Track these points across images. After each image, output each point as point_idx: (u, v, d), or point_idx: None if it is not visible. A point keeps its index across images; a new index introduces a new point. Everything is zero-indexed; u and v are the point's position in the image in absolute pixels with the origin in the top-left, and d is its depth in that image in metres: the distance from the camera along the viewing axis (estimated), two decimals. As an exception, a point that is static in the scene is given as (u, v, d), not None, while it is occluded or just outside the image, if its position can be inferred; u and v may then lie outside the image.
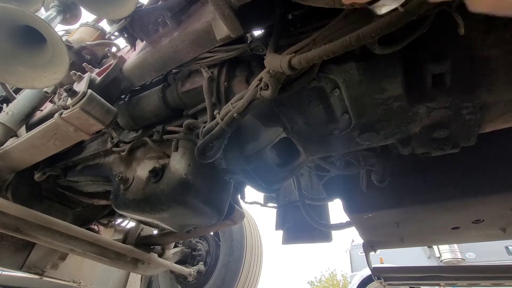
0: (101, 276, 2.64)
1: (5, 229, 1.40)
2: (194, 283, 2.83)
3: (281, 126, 1.19)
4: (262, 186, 1.26)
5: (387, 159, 1.43)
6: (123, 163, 1.40)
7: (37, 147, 1.29)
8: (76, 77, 1.17)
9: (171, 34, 1.09)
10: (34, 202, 1.78)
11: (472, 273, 2.03)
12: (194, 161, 1.17)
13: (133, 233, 2.18)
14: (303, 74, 0.94)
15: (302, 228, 2.20)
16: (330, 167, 1.52)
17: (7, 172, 1.45)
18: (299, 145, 1.28)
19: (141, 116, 1.35)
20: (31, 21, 0.97)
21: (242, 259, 2.81)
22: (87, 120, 1.10)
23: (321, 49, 0.71)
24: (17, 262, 1.91)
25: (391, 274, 2.25)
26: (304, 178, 2.16)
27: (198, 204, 1.21)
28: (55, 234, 1.55)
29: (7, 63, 1.04)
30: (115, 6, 1.05)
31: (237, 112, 0.93)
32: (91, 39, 1.73)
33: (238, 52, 1.03)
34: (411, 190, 1.49)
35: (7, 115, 1.39)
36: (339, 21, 0.78)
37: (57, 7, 1.59)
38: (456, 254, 5.45)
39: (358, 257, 6.97)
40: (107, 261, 1.86)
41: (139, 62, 1.19)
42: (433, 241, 2.51)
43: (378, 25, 0.63)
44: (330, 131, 1.20)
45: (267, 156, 1.20)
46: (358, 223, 1.75)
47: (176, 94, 1.23)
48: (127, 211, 1.28)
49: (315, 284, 22.57)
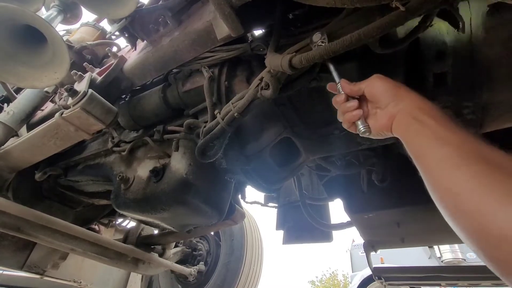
0: (101, 276, 2.64)
1: (5, 229, 1.40)
2: (195, 283, 2.83)
3: (282, 126, 1.19)
4: (262, 186, 1.26)
5: (387, 159, 1.43)
6: (123, 163, 1.41)
7: (38, 147, 1.29)
8: (76, 77, 1.18)
9: (171, 33, 1.09)
10: (34, 201, 1.78)
11: (473, 273, 2.02)
12: (195, 160, 1.17)
13: (133, 233, 2.18)
14: (304, 73, 0.94)
15: (302, 228, 2.20)
16: (331, 167, 1.52)
17: (8, 172, 1.45)
18: (299, 145, 1.28)
19: (141, 115, 1.35)
20: (32, 20, 0.97)
21: (242, 259, 2.81)
22: (88, 120, 1.10)
23: (322, 49, 0.71)
24: (18, 261, 1.91)
25: (392, 274, 2.24)
26: (305, 178, 2.16)
27: (199, 204, 1.21)
28: (56, 233, 1.55)
29: (8, 62, 1.03)
30: (115, 6, 1.05)
31: (238, 111, 0.93)
32: (92, 38, 1.73)
33: (239, 52, 1.03)
34: (412, 190, 1.49)
35: (8, 114, 1.39)
36: (340, 20, 0.78)
37: (57, 6, 1.59)
38: (457, 254, 5.44)
39: (359, 257, 6.96)
40: (108, 261, 1.86)
41: (139, 62, 1.19)
42: (434, 241, 2.51)
43: (379, 24, 0.63)
44: (330, 131, 1.20)
45: (268, 156, 1.20)
46: (358, 223, 1.75)
47: (177, 94, 1.23)
48: (127, 211, 1.28)
49: (316, 284, 22.57)
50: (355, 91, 0.69)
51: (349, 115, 0.68)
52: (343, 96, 0.70)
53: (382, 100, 0.64)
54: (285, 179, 1.35)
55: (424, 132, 0.54)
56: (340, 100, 0.71)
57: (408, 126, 0.58)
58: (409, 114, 0.58)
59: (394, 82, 0.65)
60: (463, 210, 0.45)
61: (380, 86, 0.65)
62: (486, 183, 0.42)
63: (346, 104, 0.69)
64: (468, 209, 0.43)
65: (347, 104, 0.69)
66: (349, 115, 0.68)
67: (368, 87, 0.67)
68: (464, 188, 0.45)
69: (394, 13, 0.62)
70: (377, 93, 0.65)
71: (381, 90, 0.64)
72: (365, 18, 0.72)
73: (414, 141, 0.56)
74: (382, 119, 0.64)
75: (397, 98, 0.61)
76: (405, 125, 0.58)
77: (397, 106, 0.61)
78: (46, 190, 1.85)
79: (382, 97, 0.64)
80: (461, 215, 0.46)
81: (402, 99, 0.61)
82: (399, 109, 0.60)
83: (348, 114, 0.69)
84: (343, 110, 0.70)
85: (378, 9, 0.70)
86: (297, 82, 0.96)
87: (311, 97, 1.12)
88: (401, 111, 0.60)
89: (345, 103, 0.70)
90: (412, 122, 0.56)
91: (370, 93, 0.67)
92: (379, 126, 0.64)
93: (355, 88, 0.69)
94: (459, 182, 0.45)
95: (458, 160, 0.47)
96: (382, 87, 0.65)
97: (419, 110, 0.57)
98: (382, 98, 0.64)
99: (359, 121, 0.67)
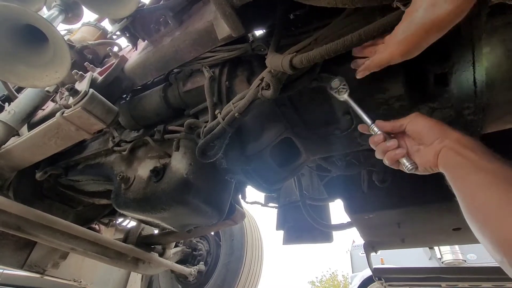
0: (102, 275, 2.65)
1: (6, 228, 1.40)
2: (195, 283, 2.83)
3: (282, 126, 1.18)
4: (263, 186, 1.26)
5: (388, 160, 1.42)
6: (124, 163, 1.41)
7: (38, 146, 1.29)
8: (77, 76, 1.18)
9: (172, 33, 1.09)
10: (35, 201, 1.78)
11: (473, 275, 2.02)
12: (195, 160, 1.17)
13: (134, 233, 2.18)
14: (305, 74, 0.94)
15: (302, 228, 2.20)
16: (331, 167, 1.52)
17: (8, 171, 1.46)
18: (300, 145, 1.28)
19: (142, 115, 1.35)
20: (33, 20, 0.97)
21: (242, 259, 2.80)
22: (89, 119, 1.10)
23: (322, 49, 0.71)
24: (18, 261, 1.91)
25: (392, 275, 2.24)
26: (305, 178, 2.16)
27: (199, 204, 1.21)
28: (56, 233, 1.55)
29: (9, 62, 1.04)
30: (117, 6, 1.05)
31: (238, 111, 0.93)
32: (93, 38, 1.73)
33: (240, 52, 1.03)
34: (412, 191, 1.49)
35: (9, 114, 1.39)
36: (341, 20, 0.78)
37: (59, 6, 1.59)
38: (458, 255, 5.43)
39: (359, 258, 6.95)
40: (108, 260, 1.86)
41: (140, 62, 1.19)
42: (434, 242, 2.51)
43: (380, 24, 0.63)
44: (331, 131, 1.20)
45: (268, 156, 1.20)
46: (359, 223, 1.75)
47: (178, 94, 1.23)
48: (128, 211, 1.28)
49: (316, 284, 22.55)
50: (397, 127, 0.72)
51: (392, 154, 0.71)
52: (381, 136, 0.73)
53: (427, 138, 0.67)
54: (285, 179, 1.35)
55: (464, 163, 0.59)
56: (378, 140, 0.74)
57: (450, 160, 0.62)
58: (452, 149, 0.62)
59: (436, 120, 0.68)
60: (490, 223, 0.51)
61: (425, 124, 0.68)
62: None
63: (385, 144, 0.72)
64: (495, 221, 0.49)
65: (387, 144, 0.72)
66: (392, 154, 0.71)
67: (411, 124, 0.70)
68: (494, 203, 0.51)
69: (395, 13, 0.62)
70: (422, 131, 0.68)
71: (427, 128, 0.67)
72: (366, 18, 0.72)
73: (455, 172, 0.61)
74: (428, 156, 0.66)
75: (443, 135, 0.64)
76: (448, 159, 0.62)
77: (442, 143, 0.64)
78: (46, 189, 1.85)
79: (427, 134, 0.67)
80: (489, 228, 0.51)
81: (447, 136, 0.64)
82: (443, 145, 0.63)
83: (390, 153, 0.71)
84: (383, 149, 0.72)
85: (379, 9, 0.70)
86: (298, 82, 0.96)
87: (312, 97, 1.12)
88: (445, 147, 0.63)
89: (384, 142, 0.73)
90: (455, 156, 0.61)
91: (413, 130, 0.70)
92: (425, 162, 0.67)
93: (397, 125, 0.72)
94: (491, 199, 0.51)
95: (492, 182, 0.53)
96: (427, 125, 0.68)
97: (460, 145, 0.61)
98: (427, 136, 0.67)
99: (404, 158, 0.69)
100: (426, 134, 0.67)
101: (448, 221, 1.57)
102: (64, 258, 2.20)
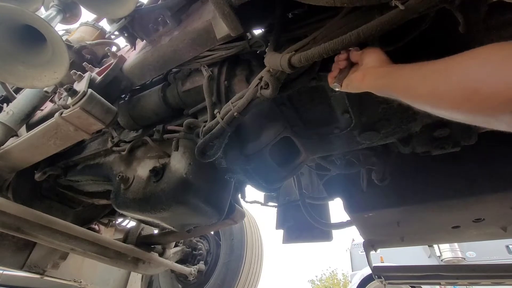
0: (101, 275, 2.64)
1: (5, 229, 1.40)
2: (195, 282, 2.83)
3: (282, 125, 1.18)
4: (262, 185, 1.26)
5: (387, 158, 1.43)
6: (123, 163, 1.40)
7: (37, 147, 1.29)
8: (76, 77, 1.17)
9: (171, 33, 1.09)
10: (34, 201, 1.78)
11: (472, 272, 2.02)
12: (195, 160, 1.17)
13: (133, 233, 2.18)
14: (304, 73, 0.94)
15: (302, 227, 2.20)
16: (331, 166, 1.52)
17: (7, 172, 1.45)
18: (299, 144, 1.28)
19: (141, 115, 1.35)
20: (31, 20, 0.97)
21: (242, 258, 2.81)
22: (87, 120, 1.10)
23: (321, 47, 0.71)
24: (18, 261, 1.91)
25: (392, 273, 2.25)
26: (305, 177, 2.16)
27: (199, 204, 1.21)
28: (56, 233, 1.55)
29: (7, 62, 1.03)
30: (115, 6, 1.05)
31: (238, 111, 0.93)
32: (91, 38, 1.73)
33: (238, 49, 1.02)
34: (412, 189, 1.49)
35: (8, 114, 1.39)
36: (340, 19, 0.78)
37: (57, 6, 1.58)
38: (457, 253, 5.44)
39: (359, 256, 6.96)
40: (108, 260, 1.86)
41: (139, 62, 1.19)
42: (434, 240, 2.51)
43: (378, 22, 0.63)
44: (330, 130, 1.20)
45: (268, 155, 1.20)
46: (358, 222, 1.75)
47: (177, 93, 1.23)
48: (127, 211, 1.28)
49: (316, 283, 22.60)
50: (357, 55, 0.77)
51: (336, 59, 0.79)
52: (345, 55, 0.78)
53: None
54: (285, 178, 1.35)
55: (393, 67, 0.65)
56: (342, 57, 0.79)
57: (380, 71, 0.67)
58: (378, 67, 0.68)
59: (385, 57, 0.72)
60: (455, 72, 0.52)
61: (374, 56, 0.73)
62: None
63: (339, 55, 0.79)
64: (460, 70, 0.51)
65: (340, 55, 0.79)
66: (336, 59, 0.79)
67: (364, 54, 0.75)
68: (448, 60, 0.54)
69: (394, 12, 0.62)
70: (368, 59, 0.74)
71: (372, 57, 0.73)
72: (364, 17, 0.72)
73: (390, 75, 0.64)
74: (358, 74, 0.72)
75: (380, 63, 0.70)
76: (378, 72, 0.68)
77: (372, 64, 0.70)
78: (46, 190, 1.85)
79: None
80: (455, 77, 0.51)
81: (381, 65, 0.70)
82: (372, 65, 0.70)
83: (337, 58, 0.79)
84: (336, 59, 0.80)
85: (377, 8, 0.70)
86: (296, 81, 0.96)
87: (311, 96, 1.12)
88: (373, 66, 0.70)
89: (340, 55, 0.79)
90: (383, 68, 0.67)
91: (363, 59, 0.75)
92: (353, 77, 0.73)
93: (358, 53, 0.77)
94: (440, 62, 0.54)
95: (424, 62, 0.56)
96: (376, 57, 0.73)
97: (386, 62, 0.68)
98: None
99: (340, 74, 0.76)
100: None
101: (447, 219, 1.57)
102: (64, 259, 2.20)
